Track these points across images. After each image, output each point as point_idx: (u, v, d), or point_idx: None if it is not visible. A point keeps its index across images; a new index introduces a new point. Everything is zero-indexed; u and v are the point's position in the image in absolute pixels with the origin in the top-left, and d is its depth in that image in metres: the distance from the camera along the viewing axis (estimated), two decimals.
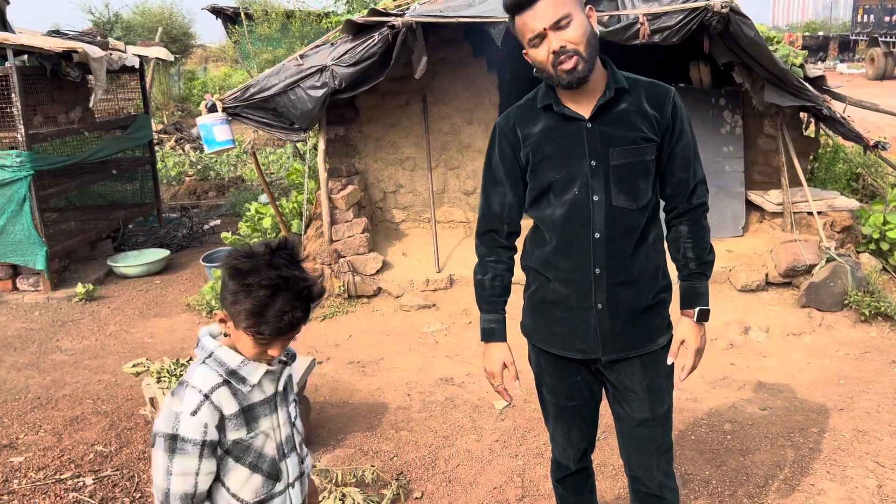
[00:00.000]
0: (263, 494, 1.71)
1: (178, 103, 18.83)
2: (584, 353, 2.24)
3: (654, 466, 2.31)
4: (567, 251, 2.17)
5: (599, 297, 2.16)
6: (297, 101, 5.54)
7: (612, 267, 2.14)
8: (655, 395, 2.26)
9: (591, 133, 2.11)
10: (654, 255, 2.21)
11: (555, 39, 1.99)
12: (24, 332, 5.61)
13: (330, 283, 6.00)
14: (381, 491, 3.31)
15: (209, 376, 1.64)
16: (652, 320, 2.23)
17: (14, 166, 6.11)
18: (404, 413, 4.15)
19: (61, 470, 3.58)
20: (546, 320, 2.28)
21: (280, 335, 1.62)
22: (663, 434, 2.31)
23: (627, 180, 2.12)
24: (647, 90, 2.16)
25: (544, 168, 2.16)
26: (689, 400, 4.21)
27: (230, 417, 1.64)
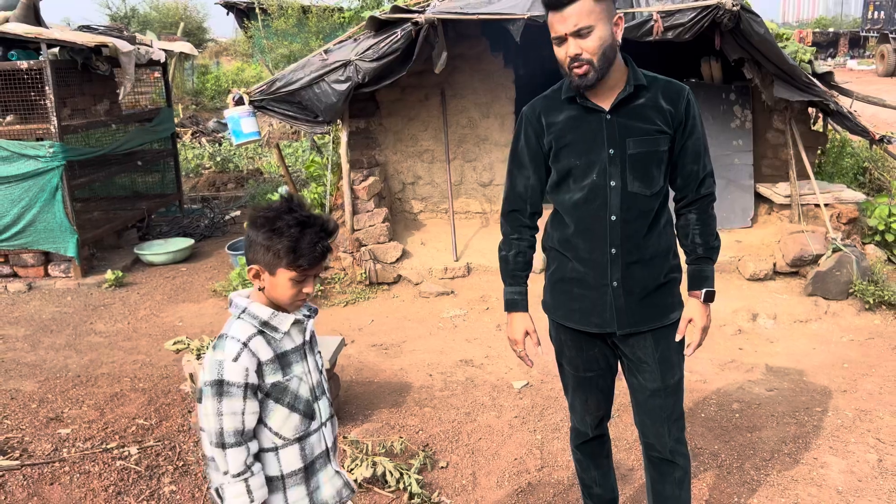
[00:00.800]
0: (301, 431, 1.92)
1: (192, 97, 19.06)
2: (600, 328, 2.42)
3: (665, 433, 2.48)
4: (585, 233, 2.36)
5: (615, 276, 2.35)
6: (322, 94, 5.75)
7: (626, 247, 2.32)
8: (667, 366, 2.43)
9: (611, 124, 2.29)
10: (665, 237, 2.39)
11: (573, 45, 2.16)
12: (59, 316, 5.85)
13: (352, 271, 6.22)
14: (408, 461, 3.52)
15: (245, 328, 1.86)
16: (663, 297, 2.41)
17: (47, 156, 6.35)
18: (427, 392, 4.36)
19: (107, 440, 3.81)
20: (565, 297, 2.47)
21: (315, 265, 1.85)
22: (674, 403, 2.48)
23: (642, 168, 2.29)
24: (664, 88, 2.33)
25: (566, 154, 2.34)
26: (698, 381, 4.40)
27: (266, 363, 1.86)
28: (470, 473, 3.48)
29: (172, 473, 3.50)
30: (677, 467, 2.53)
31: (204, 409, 1.83)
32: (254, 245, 1.86)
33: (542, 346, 2.54)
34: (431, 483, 3.40)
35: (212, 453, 1.84)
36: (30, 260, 6.68)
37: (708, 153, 2.40)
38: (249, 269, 1.89)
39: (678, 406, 2.50)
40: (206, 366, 1.84)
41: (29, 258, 6.67)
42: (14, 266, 6.72)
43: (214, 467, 1.88)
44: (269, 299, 1.91)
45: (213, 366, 1.82)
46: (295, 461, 1.91)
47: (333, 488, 2.01)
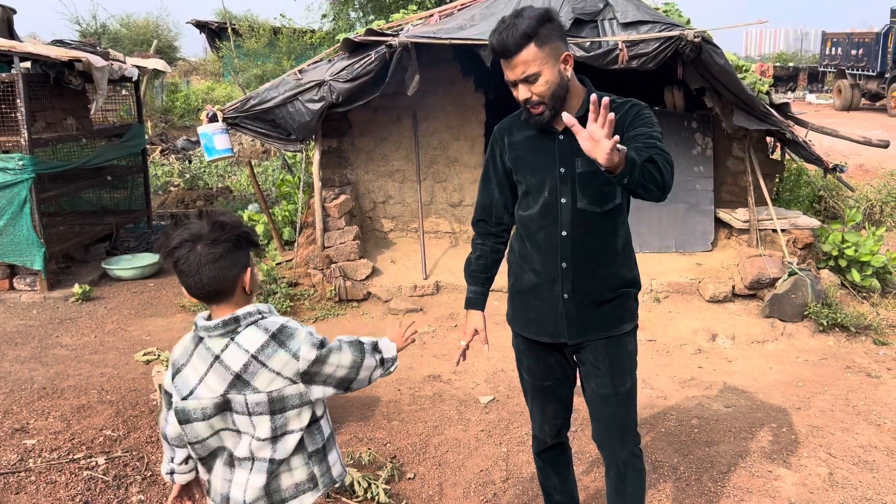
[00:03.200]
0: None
1: (161, 115, 19.00)
2: (553, 338, 2.55)
3: (618, 444, 2.57)
4: (539, 247, 2.49)
5: (565, 288, 2.46)
6: (296, 113, 5.84)
7: (576, 261, 2.44)
8: (617, 372, 2.52)
9: (562, 144, 2.40)
10: (620, 254, 2.48)
11: (523, 90, 2.30)
12: (24, 329, 5.80)
13: (322, 287, 6.27)
14: (376, 472, 3.58)
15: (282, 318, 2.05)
16: (614, 309, 2.51)
17: (17, 169, 6.32)
18: (395, 406, 4.43)
19: (73, 451, 3.81)
20: (522, 308, 2.60)
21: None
22: (626, 413, 2.56)
23: (591, 186, 2.38)
24: (618, 106, 2.40)
25: (521, 173, 2.50)
26: (659, 397, 4.53)
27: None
28: (437, 484, 3.55)
29: (140, 483, 3.51)
30: (632, 477, 2.60)
31: (340, 362, 2.02)
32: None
33: (489, 346, 2.74)
34: (399, 493, 3.46)
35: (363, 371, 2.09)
36: None
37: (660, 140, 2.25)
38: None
39: (631, 416, 2.58)
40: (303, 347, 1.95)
41: None
42: None
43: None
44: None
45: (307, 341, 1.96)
46: (326, 428, 2.12)
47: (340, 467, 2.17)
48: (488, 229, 2.69)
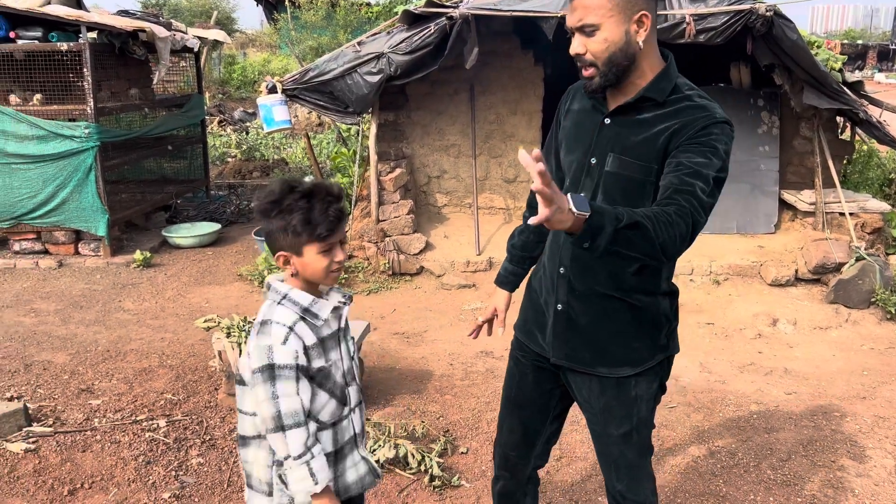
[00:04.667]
0: (337, 417, 1.93)
1: (218, 86, 19.25)
2: (540, 349, 2.18)
3: (613, 477, 2.22)
4: (550, 242, 2.16)
5: (560, 298, 2.08)
6: (354, 85, 5.84)
7: (574, 270, 2.04)
8: (610, 416, 2.12)
9: (604, 130, 1.99)
10: (631, 275, 2.00)
11: (576, 43, 1.91)
12: (88, 293, 5.98)
13: (375, 261, 6.30)
14: (429, 444, 3.59)
15: (288, 313, 1.85)
16: (614, 344, 2.06)
17: (83, 137, 6.47)
18: (448, 380, 4.43)
19: (136, 413, 3.91)
20: (526, 305, 2.27)
21: (334, 229, 1.83)
22: (623, 452, 2.16)
23: (615, 191, 1.95)
24: (686, 109, 1.89)
25: (563, 149, 2.13)
26: (717, 382, 4.44)
27: (311, 347, 1.85)
28: (489, 460, 3.54)
29: (200, 446, 3.59)
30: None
31: (256, 397, 1.82)
32: (272, 233, 1.85)
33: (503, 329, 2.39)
34: (451, 467, 3.47)
35: (271, 441, 1.83)
36: (61, 237, 6.81)
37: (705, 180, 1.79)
38: (278, 258, 1.87)
39: (629, 454, 2.17)
40: (253, 353, 1.83)
41: (60, 236, 6.81)
42: (46, 243, 6.86)
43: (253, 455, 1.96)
44: (305, 282, 1.89)
45: (260, 351, 1.81)
46: (327, 445, 1.91)
47: (357, 474, 2.00)
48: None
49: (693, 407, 4.09)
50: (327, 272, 1.87)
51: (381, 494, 3.24)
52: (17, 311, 5.52)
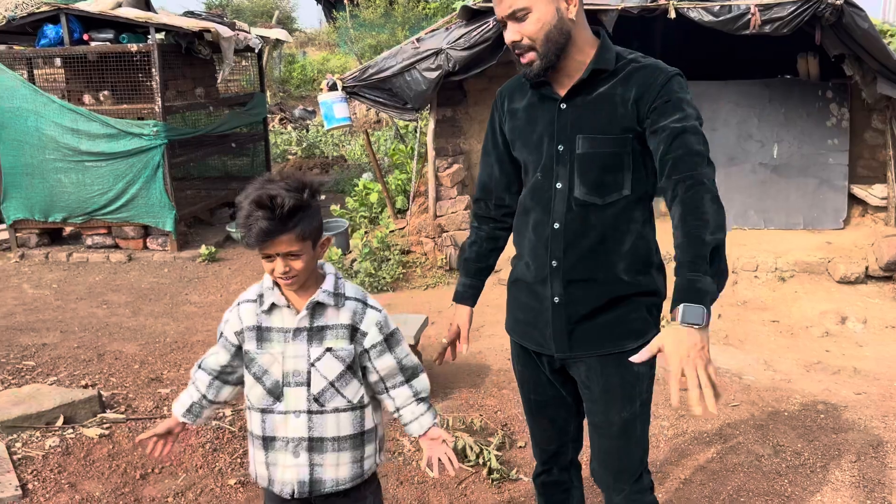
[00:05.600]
0: (264, 405, 1.92)
1: (279, 85, 19.62)
2: (539, 347, 2.12)
3: (610, 485, 2.12)
4: (531, 237, 2.06)
5: (556, 291, 2.02)
6: (413, 82, 5.89)
7: (569, 261, 1.99)
8: (612, 397, 2.05)
9: (563, 115, 1.97)
10: (628, 254, 2.00)
11: (510, 32, 1.90)
12: (157, 286, 6.18)
13: (433, 256, 6.34)
14: (487, 438, 3.61)
15: (251, 292, 1.98)
16: (616, 322, 2.03)
17: (151, 135, 6.70)
18: (506, 375, 4.44)
19: None
20: (514, 305, 2.20)
21: (258, 243, 1.77)
22: (623, 447, 2.07)
23: (593, 171, 1.95)
24: (639, 71, 1.92)
25: (518, 147, 2.09)
26: (782, 380, 4.34)
27: (245, 329, 1.93)
28: None
29: None
30: None
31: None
32: None
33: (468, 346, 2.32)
34: (510, 461, 3.48)
35: None
36: (130, 232, 7.07)
37: (697, 133, 1.84)
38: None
39: (629, 452, 2.08)
40: None
41: (130, 231, 7.06)
42: (116, 238, 7.12)
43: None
44: None
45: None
46: (256, 427, 1.95)
47: (281, 476, 1.95)
48: (487, 212, 2.24)
49: (757, 405, 4.01)
50: (273, 276, 1.87)
51: (440, 486, 3.27)
52: (90, 303, 5.75)
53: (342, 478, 1.96)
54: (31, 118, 6.72)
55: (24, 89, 6.73)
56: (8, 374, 4.37)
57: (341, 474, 1.96)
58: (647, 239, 2.04)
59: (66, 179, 6.86)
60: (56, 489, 3.20)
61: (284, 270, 1.81)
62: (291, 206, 1.77)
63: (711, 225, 1.72)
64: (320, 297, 1.89)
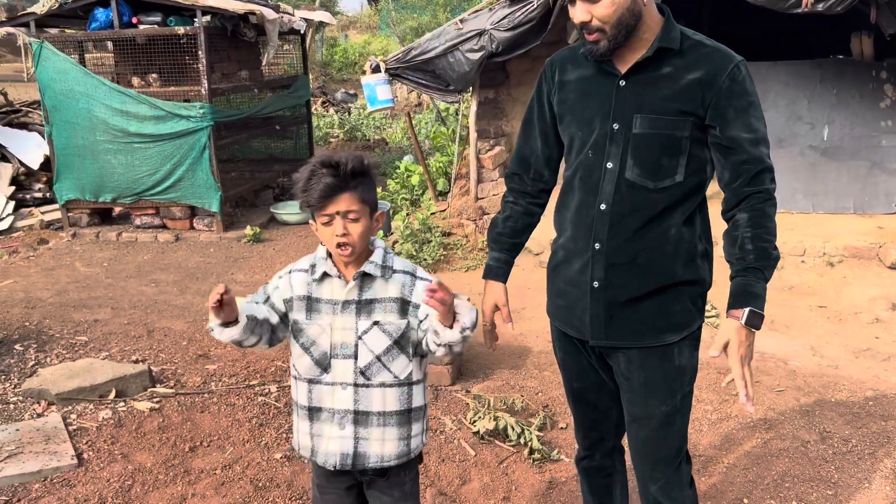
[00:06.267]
0: (312, 376, 1.95)
1: (321, 68, 19.74)
2: (578, 333, 2.08)
3: (647, 475, 2.09)
4: (574, 218, 2.01)
5: (597, 275, 1.98)
6: (455, 63, 5.87)
7: (613, 245, 1.94)
8: (653, 391, 2.02)
9: (622, 92, 1.91)
10: (673, 242, 1.94)
11: (580, 11, 1.84)
12: (203, 265, 6.31)
13: (474, 238, 6.35)
14: (528, 418, 3.63)
15: (303, 262, 2.00)
16: (658, 313, 1.99)
17: (198, 117, 6.80)
18: (546, 357, 4.44)
19: (249, 378, 4.12)
20: (555, 289, 2.15)
21: (321, 201, 1.82)
22: (662, 439, 2.05)
23: (648, 153, 1.89)
24: (704, 57, 1.88)
25: (568, 122, 2.02)
26: (829, 366, 4.26)
27: (295, 298, 1.96)
28: None
29: None
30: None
31: None
32: None
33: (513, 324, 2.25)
34: (551, 441, 3.49)
35: None
36: (177, 213, 7.21)
37: (765, 142, 1.89)
38: (310, 225, 1.97)
39: (669, 443, 2.06)
40: None
41: (177, 211, 7.20)
42: (163, 218, 7.27)
43: None
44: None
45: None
46: (302, 397, 1.97)
47: (326, 448, 1.96)
48: (524, 186, 2.18)
49: (803, 391, 3.95)
50: (329, 243, 1.89)
51: (481, 465, 3.30)
52: (139, 282, 5.89)
53: (387, 454, 1.97)
54: (83, 100, 6.88)
55: (76, 72, 6.89)
56: (62, 349, 4.51)
57: (386, 450, 1.97)
58: (696, 227, 1.99)
59: (116, 161, 7.01)
60: (110, 459, 3.31)
61: (343, 232, 1.84)
62: (353, 167, 1.84)
63: (775, 239, 1.88)
64: (367, 267, 1.92)
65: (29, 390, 3.86)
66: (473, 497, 3.07)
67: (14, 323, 4.93)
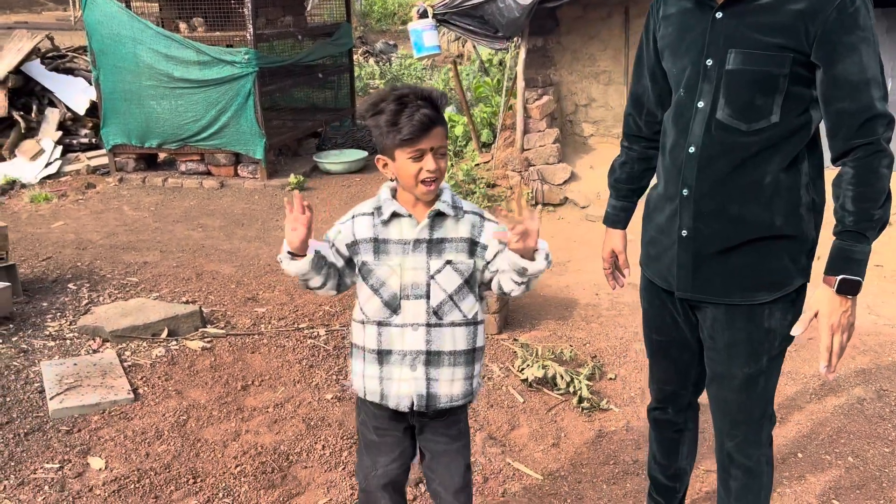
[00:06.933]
0: (381, 318, 1.92)
1: (360, 19, 19.51)
2: (665, 283, 2.00)
3: (724, 431, 2.03)
4: (667, 162, 1.93)
5: (684, 223, 1.88)
6: (505, 8, 5.74)
7: (701, 190, 1.84)
8: (737, 352, 1.92)
9: (717, 25, 1.78)
10: (770, 190, 1.81)
11: None
12: (248, 212, 6.35)
13: (519, 190, 6.28)
14: (577, 368, 3.60)
15: (365, 206, 1.96)
16: (751, 269, 1.86)
17: (243, 63, 6.77)
18: (594, 309, 4.40)
19: (297, 321, 4.16)
20: (646, 237, 2.07)
21: (418, 133, 1.76)
22: (743, 401, 1.97)
23: (742, 92, 1.76)
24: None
25: (667, 57, 1.93)
26: (885, 325, 4.17)
27: (361, 241, 1.91)
28: (639, 388, 3.51)
29: None
30: (740, 480, 2.05)
31: None
32: (373, 136, 1.88)
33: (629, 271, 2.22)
34: (600, 391, 3.48)
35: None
36: (222, 160, 7.23)
37: (878, 85, 1.70)
38: (377, 160, 1.91)
39: (750, 405, 1.97)
40: None
41: (222, 158, 7.23)
42: (208, 165, 7.31)
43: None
44: (403, 189, 1.90)
45: None
46: (371, 341, 1.94)
47: (397, 390, 1.94)
48: (638, 130, 2.11)
49: (858, 349, 3.86)
50: (416, 180, 1.83)
51: (529, 411, 3.30)
52: (186, 226, 5.95)
53: (455, 393, 1.96)
54: (129, 44, 6.88)
55: (122, 15, 6.88)
56: (114, 289, 4.59)
57: (455, 390, 1.96)
58: (800, 175, 1.83)
59: (161, 106, 7.03)
60: (164, 395, 3.37)
61: (436, 167, 1.81)
62: (444, 101, 1.82)
63: (883, 198, 1.70)
64: (441, 206, 1.88)
65: (84, 327, 3.94)
66: (523, 442, 3.08)
67: (67, 263, 5.02)
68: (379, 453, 2.06)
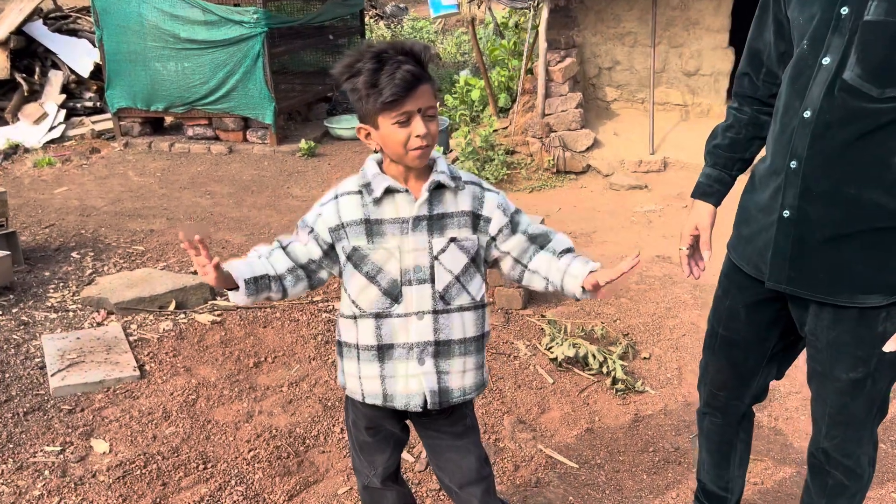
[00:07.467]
0: (379, 309, 1.68)
1: None
2: (755, 270, 1.73)
3: (822, 431, 1.79)
4: (776, 128, 1.66)
5: (787, 202, 1.61)
6: None
7: (811, 163, 1.55)
8: (841, 355, 1.67)
9: None
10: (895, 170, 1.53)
11: None
12: (258, 178, 6.12)
13: (539, 157, 6.03)
14: (608, 347, 3.39)
15: (350, 183, 1.69)
16: (866, 262, 1.58)
17: (251, 22, 6.50)
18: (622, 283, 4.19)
19: (311, 294, 3.95)
20: (740, 216, 1.81)
21: (403, 93, 1.52)
22: (844, 405, 1.72)
23: (878, 48, 1.47)
24: None
25: (793, 3, 1.64)
26: None
27: (350, 224, 1.65)
28: (675, 368, 3.31)
29: None
30: (829, 475, 1.83)
31: None
32: (352, 102, 1.61)
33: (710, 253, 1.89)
34: (634, 372, 3.27)
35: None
36: (231, 124, 6.99)
37: None
38: (358, 131, 1.65)
39: (853, 408, 1.72)
40: None
41: (230, 122, 6.98)
42: (216, 129, 7.07)
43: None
44: (391, 161, 1.65)
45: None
46: (368, 336, 1.70)
47: (405, 387, 1.72)
48: (753, 90, 1.80)
49: None
50: (407, 149, 1.58)
51: (560, 392, 3.10)
52: (194, 193, 5.74)
53: (468, 386, 1.75)
54: (133, 3, 6.61)
55: None
56: (119, 258, 4.39)
57: (467, 382, 1.74)
58: None
59: (167, 69, 6.78)
60: (172, 372, 3.18)
61: (427, 130, 1.55)
62: (430, 56, 1.57)
63: None
64: (440, 177, 1.64)
65: (88, 298, 3.75)
66: (555, 426, 2.88)
67: (70, 230, 4.82)
68: (375, 453, 1.86)
